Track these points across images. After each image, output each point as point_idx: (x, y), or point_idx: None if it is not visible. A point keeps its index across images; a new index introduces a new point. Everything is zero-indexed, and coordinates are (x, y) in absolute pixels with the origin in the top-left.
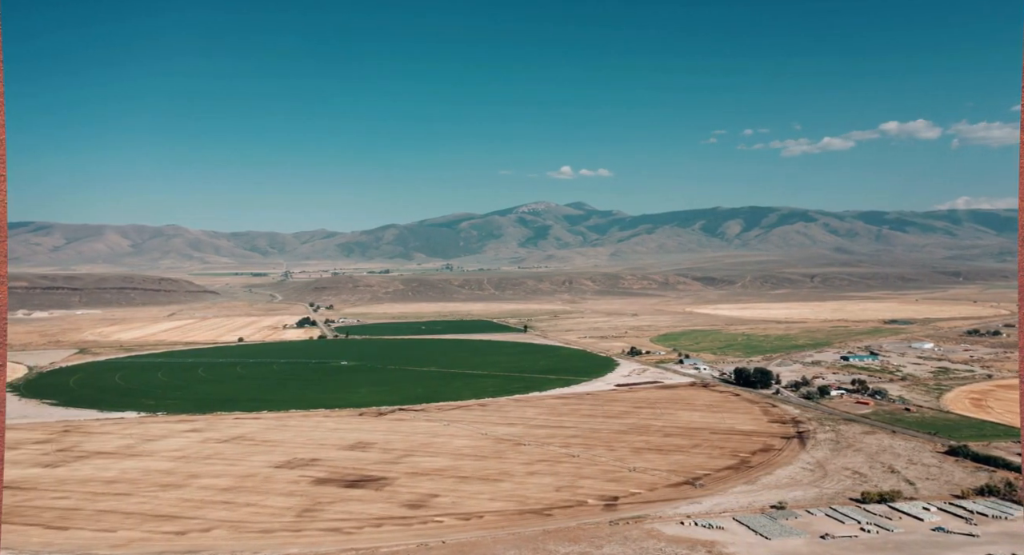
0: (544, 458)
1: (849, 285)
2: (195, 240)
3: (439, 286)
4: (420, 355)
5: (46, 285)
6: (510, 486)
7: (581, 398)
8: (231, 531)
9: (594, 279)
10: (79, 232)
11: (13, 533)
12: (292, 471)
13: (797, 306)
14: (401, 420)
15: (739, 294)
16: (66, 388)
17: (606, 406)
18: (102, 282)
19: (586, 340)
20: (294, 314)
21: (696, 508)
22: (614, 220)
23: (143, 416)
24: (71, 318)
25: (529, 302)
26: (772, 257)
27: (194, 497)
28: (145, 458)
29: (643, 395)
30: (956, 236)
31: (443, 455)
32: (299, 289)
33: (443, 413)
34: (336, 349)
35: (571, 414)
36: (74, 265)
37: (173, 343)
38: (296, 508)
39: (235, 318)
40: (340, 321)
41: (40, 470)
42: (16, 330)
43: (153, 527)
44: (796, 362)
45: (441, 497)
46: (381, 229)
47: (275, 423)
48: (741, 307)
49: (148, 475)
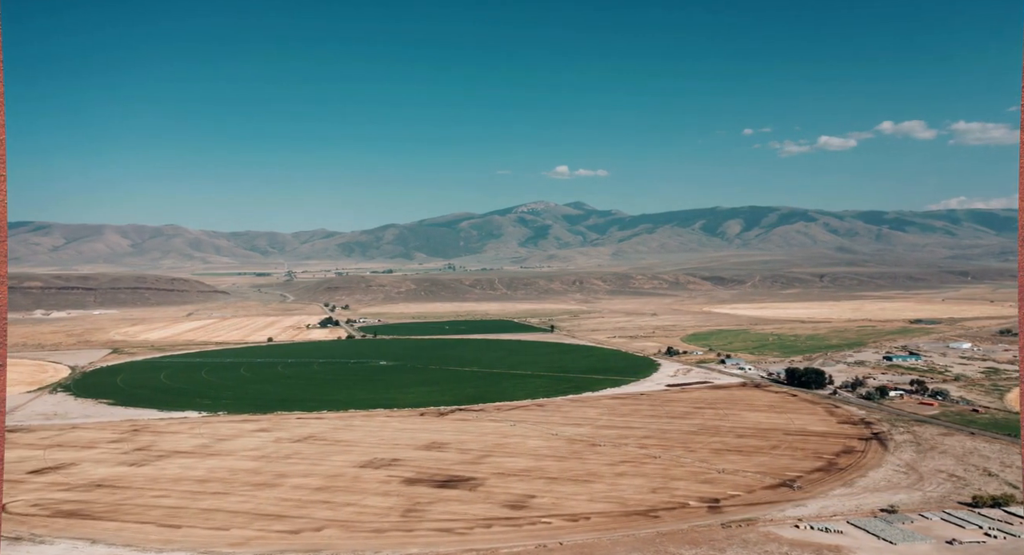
0: (625, 459)
1: (858, 285)
2: (195, 240)
3: (451, 286)
4: (455, 355)
5: (60, 285)
6: (603, 487)
7: (637, 398)
8: (343, 530)
9: (604, 279)
10: (78, 232)
11: (127, 530)
12: (377, 471)
13: (814, 306)
14: (465, 420)
15: (750, 294)
16: (116, 388)
17: (666, 406)
18: (116, 282)
19: (617, 340)
20: (311, 314)
21: (803, 511)
22: (613, 220)
23: (205, 416)
24: (91, 318)
25: (543, 302)
26: (776, 257)
27: (291, 496)
28: (225, 457)
29: (697, 395)
30: (956, 236)
31: (522, 456)
32: (310, 289)
33: (504, 413)
34: (367, 349)
35: (632, 415)
36: (75, 265)
37: (203, 343)
38: (398, 508)
39: (254, 318)
40: (361, 321)
41: (127, 469)
42: (41, 330)
43: (263, 526)
44: (839, 362)
45: (538, 498)
46: (381, 229)
47: (340, 423)
48: (757, 307)
49: (236, 474)
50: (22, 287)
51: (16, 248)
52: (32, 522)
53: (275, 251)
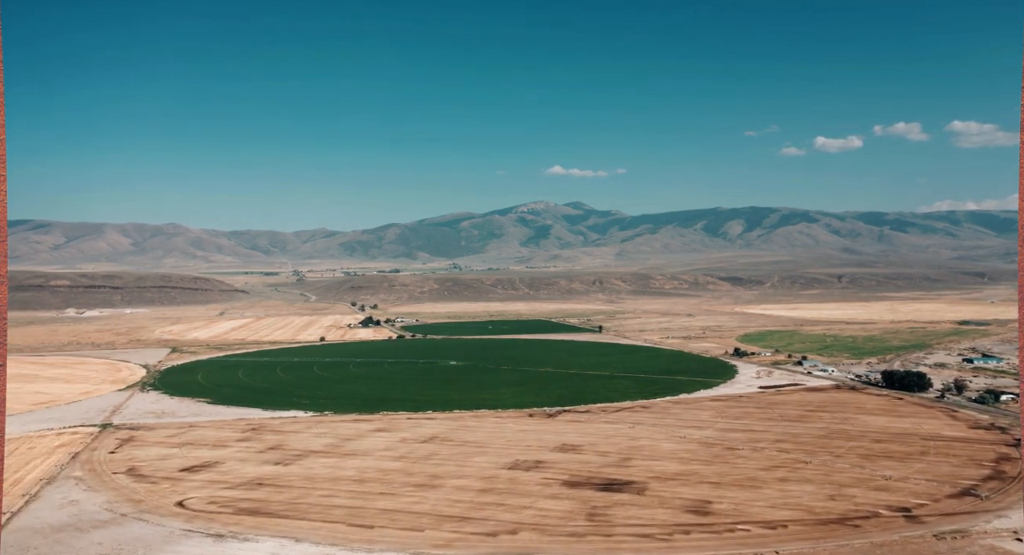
0: (775, 464)
1: (877, 286)
2: (196, 239)
3: (473, 286)
4: (519, 355)
5: (87, 284)
6: (774, 493)
7: (739, 400)
8: (538, 534)
9: (624, 279)
10: (79, 230)
11: (322, 529)
12: (529, 473)
13: (845, 307)
14: (578, 422)
15: (771, 294)
16: (203, 386)
17: (775, 409)
18: (141, 281)
19: (672, 340)
20: (342, 313)
21: (1009, 523)
22: (613, 220)
23: (313, 415)
24: (126, 316)
25: (568, 302)
26: (784, 257)
27: (461, 498)
28: (364, 457)
29: (798, 398)
30: (957, 237)
31: (664, 459)
32: (330, 288)
33: (613, 415)
34: (426, 349)
35: (745, 417)
36: (78, 263)
37: (256, 342)
38: (577, 511)
39: (289, 317)
40: (399, 320)
41: (275, 468)
42: (85, 328)
43: (455, 527)
44: (917, 365)
45: (715, 504)
46: (383, 228)
47: (453, 424)
48: (788, 307)
49: (389, 475)
50: (50, 285)
51: (17, 246)
52: (221, 519)
53: (276, 250)
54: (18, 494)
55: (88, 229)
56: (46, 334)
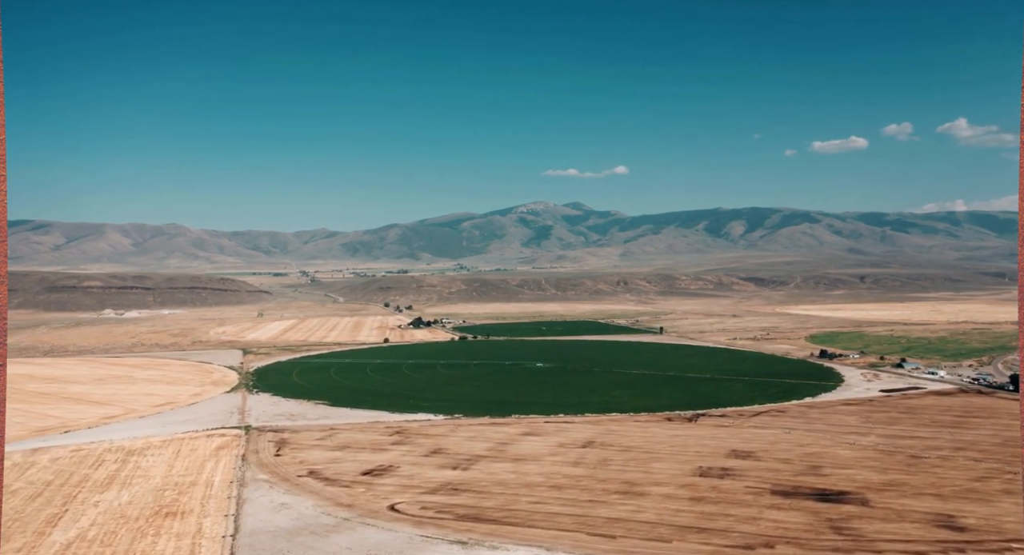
0: (978, 474)
1: (902, 286)
2: (197, 239)
3: (500, 286)
4: (597, 356)
5: (119, 285)
6: (1013, 507)
7: (872, 405)
8: (796, 547)
9: (649, 280)
10: (79, 231)
11: (563, 539)
12: (725, 481)
13: (887, 307)
14: (723, 426)
15: (800, 295)
16: (306, 388)
17: (920, 414)
18: (172, 282)
19: (743, 342)
20: (378, 314)
21: None
22: (614, 220)
23: (445, 418)
24: (168, 317)
25: (600, 302)
26: (794, 257)
27: (677, 507)
28: (538, 462)
29: (933, 402)
30: (959, 238)
31: (855, 467)
32: (354, 289)
33: (753, 419)
34: (497, 351)
35: (896, 423)
36: (81, 264)
37: (320, 344)
38: (817, 524)
39: (331, 318)
40: (447, 322)
41: (457, 473)
42: (136, 329)
43: (702, 539)
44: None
45: (961, 518)
46: (384, 229)
47: (596, 428)
48: (829, 308)
49: (579, 481)
50: (83, 286)
51: (17, 247)
52: (450, 524)
53: (277, 251)
54: (222, 496)
55: (88, 229)
56: (101, 335)
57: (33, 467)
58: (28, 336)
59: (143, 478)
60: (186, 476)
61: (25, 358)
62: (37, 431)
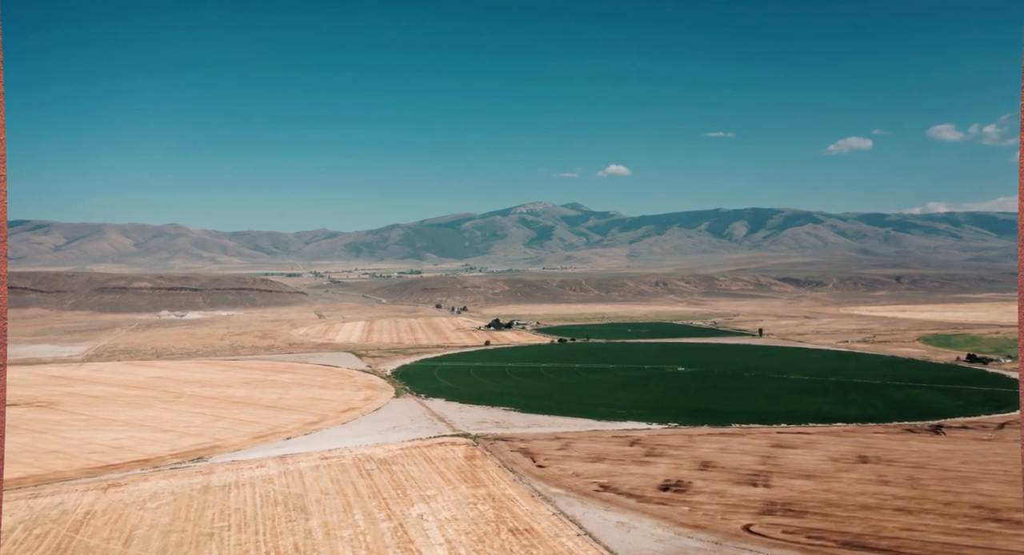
0: None
1: (942, 287)
2: (199, 240)
3: (542, 287)
4: (727, 359)
5: (168, 286)
6: None
7: None
8: None
9: (687, 280)
10: (79, 231)
11: None
12: None
13: (951, 308)
14: (980, 440)
15: (843, 295)
16: (470, 393)
17: None
18: (218, 283)
19: (855, 345)
20: (435, 315)
21: None
22: (613, 221)
23: (664, 427)
24: (231, 318)
25: (649, 303)
26: (811, 258)
27: None
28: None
29: None
30: (961, 238)
31: None
32: (394, 290)
33: (1002, 431)
34: (608, 354)
35: None
36: (83, 265)
37: (416, 346)
38: None
39: (397, 319)
40: (521, 324)
41: (765, 490)
42: (214, 330)
43: None
44: None
45: None
46: (386, 229)
47: (840, 439)
48: (896, 308)
49: (921, 504)
50: (133, 287)
51: (18, 247)
52: (836, 552)
53: (279, 251)
54: (546, 513)
55: (88, 230)
56: (184, 336)
57: (323, 477)
58: (111, 337)
59: (436, 492)
60: (475, 489)
61: (140, 361)
62: (256, 436)
